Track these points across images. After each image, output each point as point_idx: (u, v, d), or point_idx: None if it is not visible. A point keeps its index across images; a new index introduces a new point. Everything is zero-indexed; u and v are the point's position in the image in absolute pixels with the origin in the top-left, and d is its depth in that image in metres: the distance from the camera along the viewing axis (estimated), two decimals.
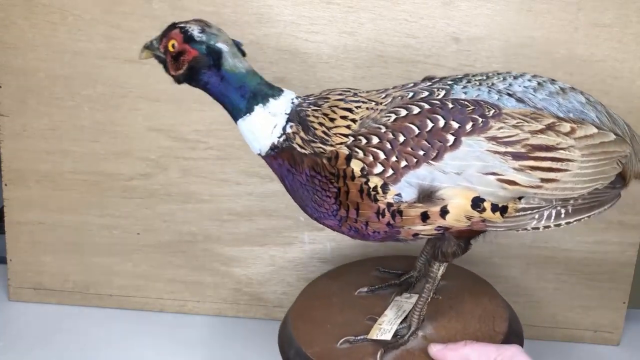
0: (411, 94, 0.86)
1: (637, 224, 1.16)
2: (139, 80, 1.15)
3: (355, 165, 0.82)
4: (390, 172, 0.81)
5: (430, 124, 0.81)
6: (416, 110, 0.83)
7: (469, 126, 0.81)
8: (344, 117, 0.85)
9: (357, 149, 0.82)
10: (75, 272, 1.26)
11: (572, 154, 0.82)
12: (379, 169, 0.82)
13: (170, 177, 1.20)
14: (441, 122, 0.81)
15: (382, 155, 0.82)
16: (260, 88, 0.87)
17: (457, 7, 1.09)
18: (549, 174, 0.82)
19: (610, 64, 1.09)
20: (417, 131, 0.81)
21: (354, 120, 0.84)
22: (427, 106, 0.83)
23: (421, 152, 0.81)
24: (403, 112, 0.83)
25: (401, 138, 0.82)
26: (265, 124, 0.86)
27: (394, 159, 0.81)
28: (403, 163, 0.81)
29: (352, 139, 0.83)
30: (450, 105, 0.83)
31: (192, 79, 0.87)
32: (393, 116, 0.83)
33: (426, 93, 0.85)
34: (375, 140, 0.82)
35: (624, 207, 1.15)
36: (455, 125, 0.81)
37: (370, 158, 0.82)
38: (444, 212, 0.81)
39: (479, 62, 1.10)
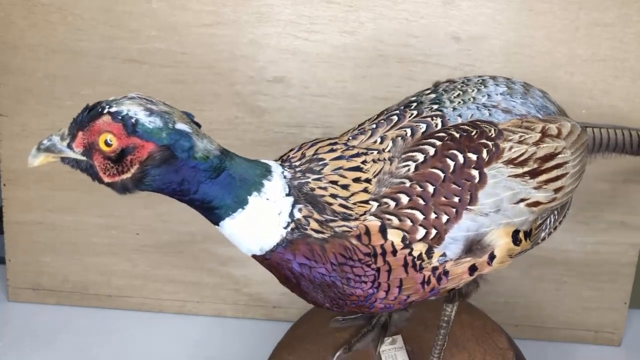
0: (408, 130, 0.73)
1: (638, 224, 1.16)
2: (139, 80, 1.14)
3: (395, 236, 0.68)
4: (434, 232, 0.69)
5: (451, 164, 0.70)
6: (431, 150, 0.71)
7: (484, 155, 0.72)
8: (356, 180, 0.69)
9: (388, 216, 0.68)
10: (74, 272, 1.26)
11: (565, 155, 0.78)
12: (421, 232, 0.69)
13: None
14: (460, 158, 0.71)
15: (419, 216, 0.68)
16: (247, 170, 0.66)
17: (458, 7, 1.08)
18: (557, 183, 0.76)
19: (612, 63, 1.09)
20: (442, 175, 0.70)
21: (368, 180, 0.69)
22: (437, 142, 0.72)
23: (456, 199, 0.69)
24: (420, 157, 0.71)
25: (430, 188, 0.69)
26: (267, 216, 0.67)
27: (433, 216, 0.69)
28: (444, 218, 0.69)
29: (376, 204, 0.68)
30: (457, 135, 0.73)
31: (144, 183, 0.63)
32: (412, 164, 0.70)
33: (423, 125, 0.74)
34: (404, 199, 0.68)
35: (625, 207, 1.15)
36: (473, 157, 0.71)
37: (408, 222, 0.68)
38: (492, 258, 0.72)
39: (479, 62, 1.10)
